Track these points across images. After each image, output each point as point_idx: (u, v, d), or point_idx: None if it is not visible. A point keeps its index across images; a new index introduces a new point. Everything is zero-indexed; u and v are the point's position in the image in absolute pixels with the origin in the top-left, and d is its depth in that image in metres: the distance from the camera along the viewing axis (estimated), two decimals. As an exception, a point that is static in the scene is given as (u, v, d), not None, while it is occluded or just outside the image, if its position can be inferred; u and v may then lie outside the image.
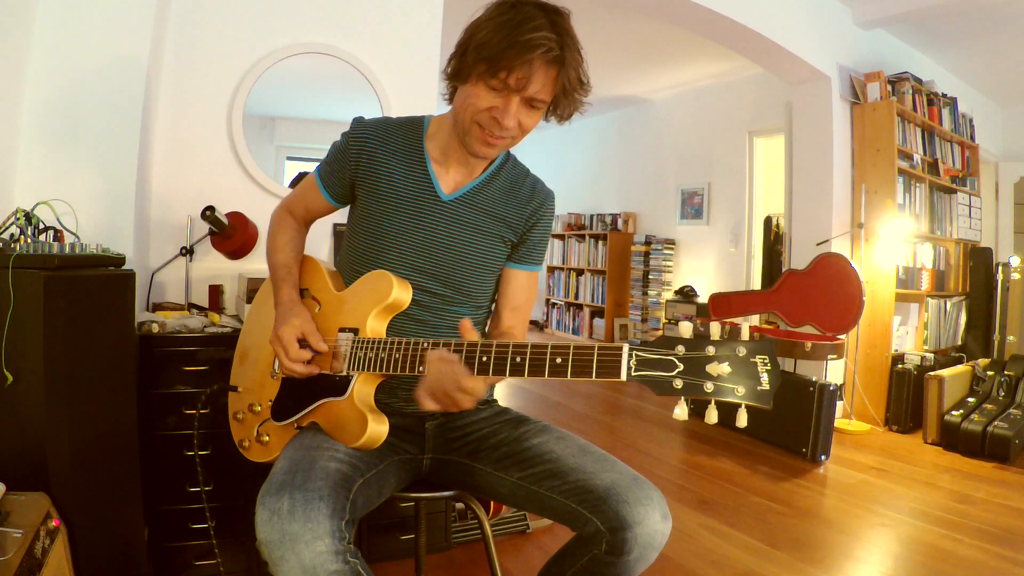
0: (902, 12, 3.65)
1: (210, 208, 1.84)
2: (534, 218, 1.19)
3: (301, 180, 1.34)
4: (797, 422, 3.01)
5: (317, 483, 0.86)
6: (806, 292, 3.39)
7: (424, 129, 1.16)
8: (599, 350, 0.80)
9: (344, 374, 1.02)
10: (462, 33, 1.02)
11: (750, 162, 5.25)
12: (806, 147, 3.90)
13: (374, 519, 1.88)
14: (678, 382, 0.75)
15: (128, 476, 1.32)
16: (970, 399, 3.47)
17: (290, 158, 2.33)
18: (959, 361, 3.83)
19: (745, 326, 0.77)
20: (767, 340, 0.75)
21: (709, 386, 0.74)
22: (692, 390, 0.75)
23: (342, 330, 1.06)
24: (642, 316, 6.06)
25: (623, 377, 0.77)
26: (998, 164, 5.49)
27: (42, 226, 1.37)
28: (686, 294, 5.35)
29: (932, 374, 3.38)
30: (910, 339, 3.98)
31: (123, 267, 1.38)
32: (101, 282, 1.27)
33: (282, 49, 2.19)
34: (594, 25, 4.20)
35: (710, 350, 0.74)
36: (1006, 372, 3.52)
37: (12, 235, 1.32)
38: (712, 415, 0.75)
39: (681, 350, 0.76)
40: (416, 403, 0.93)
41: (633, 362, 0.78)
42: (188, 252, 1.99)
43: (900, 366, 3.63)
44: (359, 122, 1.16)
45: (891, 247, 3.68)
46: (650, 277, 6.03)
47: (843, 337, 3.16)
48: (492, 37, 0.94)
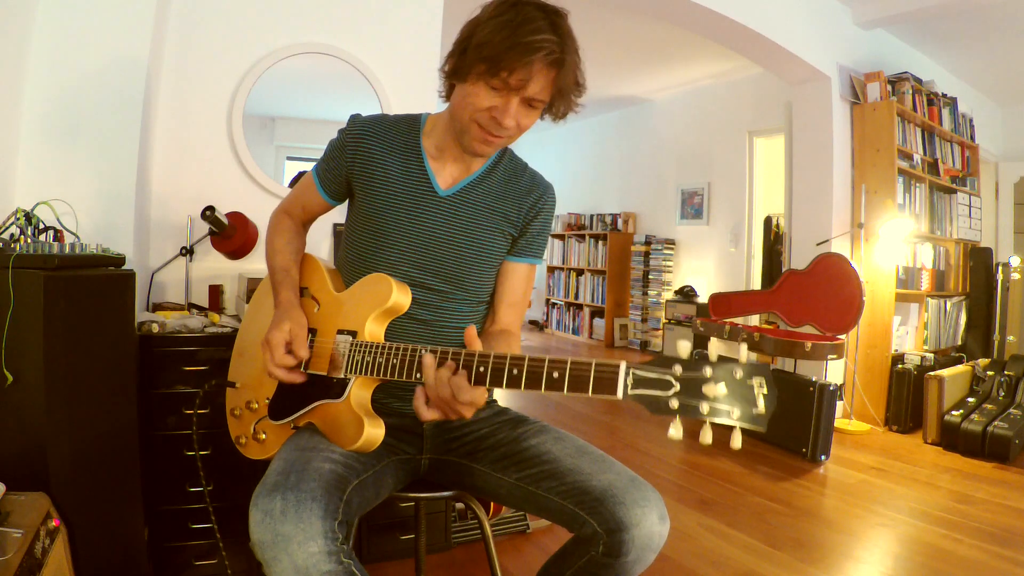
0: (902, 12, 3.65)
1: (210, 208, 1.84)
2: (534, 210, 1.18)
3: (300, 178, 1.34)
4: (797, 422, 3.01)
5: (310, 484, 0.86)
6: (806, 292, 3.38)
7: (421, 126, 1.16)
8: (596, 366, 0.79)
9: (342, 376, 1.02)
10: (460, 31, 1.01)
11: (750, 162, 5.25)
12: (806, 147, 3.90)
13: (374, 519, 1.88)
14: (674, 402, 0.75)
15: (128, 476, 1.32)
16: (970, 399, 3.47)
17: (290, 158, 2.34)
18: (959, 361, 3.83)
19: (744, 345, 0.76)
20: (765, 364, 0.75)
21: (704, 407, 0.74)
22: (687, 411, 0.75)
23: (340, 332, 1.05)
24: (642, 316, 6.06)
25: (619, 396, 0.77)
26: (998, 164, 5.49)
27: (42, 226, 1.37)
28: (686, 294, 5.35)
29: (932, 374, 3.38)
30: (910, 339, 3.98)
31: (123, 267, 1.38)
32: (101, 282, 1.27)
33: (282, 49, 2.19)
34: (594, 25, 4.20)
35: (707, 371, 0.74)
36: (1006, 372, 3.52)
37: (12, 235, 1.32)
38: (707, 436, 0.75)
39: (678, 370, 0.76)
40: (416, 414, 0.92)
41: (630, 380, 0.77)
42: (188, 252, 1.99)
43: (900, 366, 3.63)
44: (355, 119, 1.16)
45: (891, 247, 3.68)
46: (650, 277, 6.03)
47: (843, 337, 3.16)
48: (493, 37, 0.94)
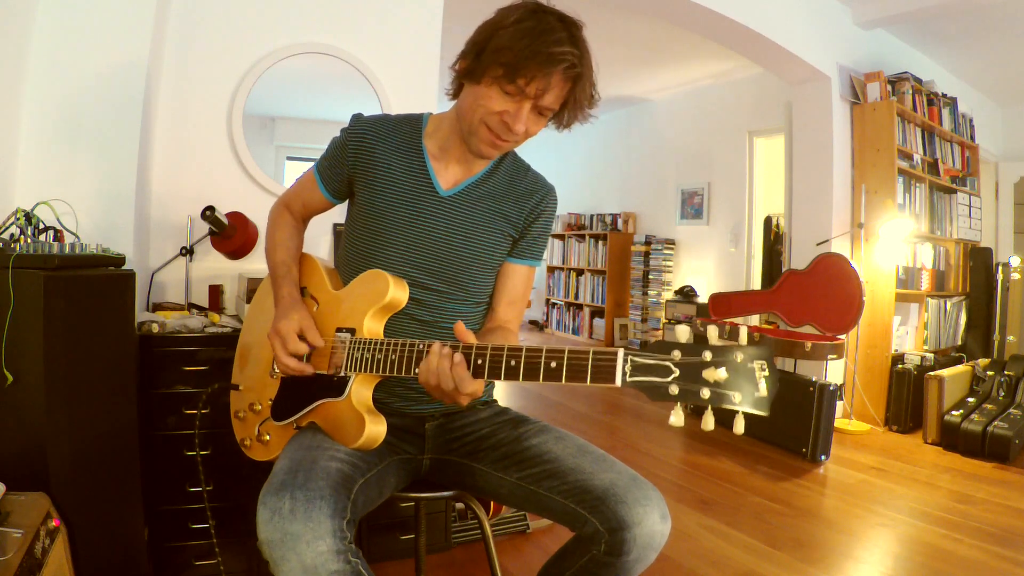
0: (902, 12, 3.65)
1: (210, 208, 1.84)
2: (535, 212, 1.19)
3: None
4: (797, 422, 3.01)
5: (318, 483, 0.86)
6: (806, 292, 3.38)
7: (423, 126, 1.16)
8: (594, 355, 0.79)
9: (342, 374, 1.02)
10: (476, 32, 1.01)
11: (750, 162, 5.25)
12: (806, 147, 3.90)
13: (374, 519, 1.87)
14: (674, 388, 0.73)
15: (128, 476, 1.32)
16: (970, 399, 3.47)
17: (290, 158, 2.33)
18: (959, 361, 3.83)
19: (744, 328, 0.75)
20: (766, 344, 0.73)
21: (705, 392, 0.72)
22: (688, 396, 0.73)
23: (339, 330, 1.06)
24: (642, 316, 6.06)
25: (618, 383, 0.76)
26: (998, 164, 5.49)
27: (42, 226, 1.37)
28: (686, 294, 5.35)
29: (932, 374, 3.38)
30: (910, 339, 3.98)
31: (123, 267, 1.38)
32: (101, 282, 1.27)
33: (282, 49, 2.19)
34: (594, 25, 4.15)
35: (707, 355, 0.73)
36: (1006, 372, 3.52)
37: (12, 235, 1.32)
38: (708, 421, 0.73)
39: (677, 355, 0.74)
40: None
41: (628, 367, 0.76)
42: (188, 252, 1.99)
43: (900, 366, 3.63)
44: (358, 118, 1.16)
45: (891, 247, 3.68)
46: (650, 277, 6.03)
47: (843, 337, 3.16)
48: (514, 44, 0.94)
